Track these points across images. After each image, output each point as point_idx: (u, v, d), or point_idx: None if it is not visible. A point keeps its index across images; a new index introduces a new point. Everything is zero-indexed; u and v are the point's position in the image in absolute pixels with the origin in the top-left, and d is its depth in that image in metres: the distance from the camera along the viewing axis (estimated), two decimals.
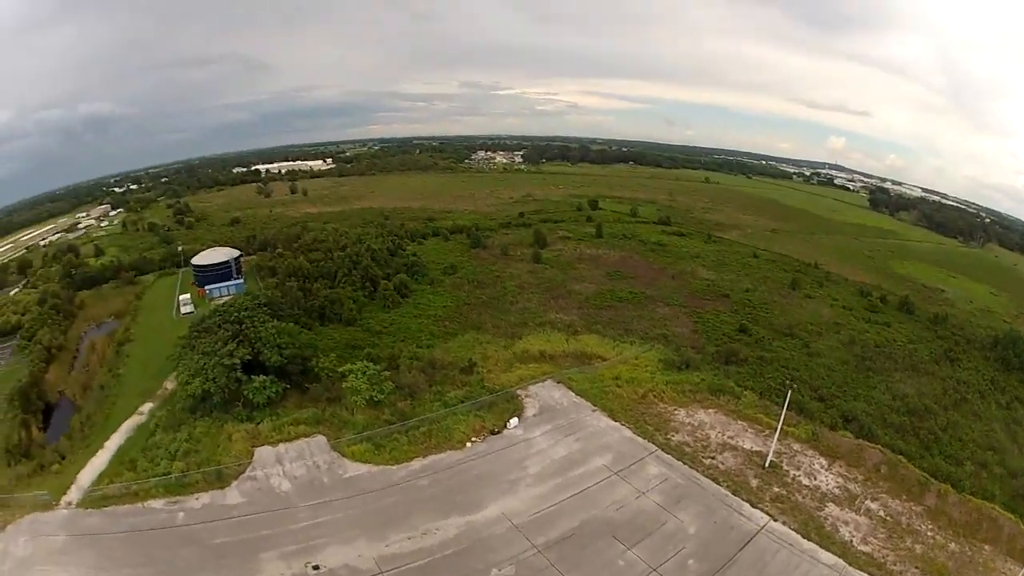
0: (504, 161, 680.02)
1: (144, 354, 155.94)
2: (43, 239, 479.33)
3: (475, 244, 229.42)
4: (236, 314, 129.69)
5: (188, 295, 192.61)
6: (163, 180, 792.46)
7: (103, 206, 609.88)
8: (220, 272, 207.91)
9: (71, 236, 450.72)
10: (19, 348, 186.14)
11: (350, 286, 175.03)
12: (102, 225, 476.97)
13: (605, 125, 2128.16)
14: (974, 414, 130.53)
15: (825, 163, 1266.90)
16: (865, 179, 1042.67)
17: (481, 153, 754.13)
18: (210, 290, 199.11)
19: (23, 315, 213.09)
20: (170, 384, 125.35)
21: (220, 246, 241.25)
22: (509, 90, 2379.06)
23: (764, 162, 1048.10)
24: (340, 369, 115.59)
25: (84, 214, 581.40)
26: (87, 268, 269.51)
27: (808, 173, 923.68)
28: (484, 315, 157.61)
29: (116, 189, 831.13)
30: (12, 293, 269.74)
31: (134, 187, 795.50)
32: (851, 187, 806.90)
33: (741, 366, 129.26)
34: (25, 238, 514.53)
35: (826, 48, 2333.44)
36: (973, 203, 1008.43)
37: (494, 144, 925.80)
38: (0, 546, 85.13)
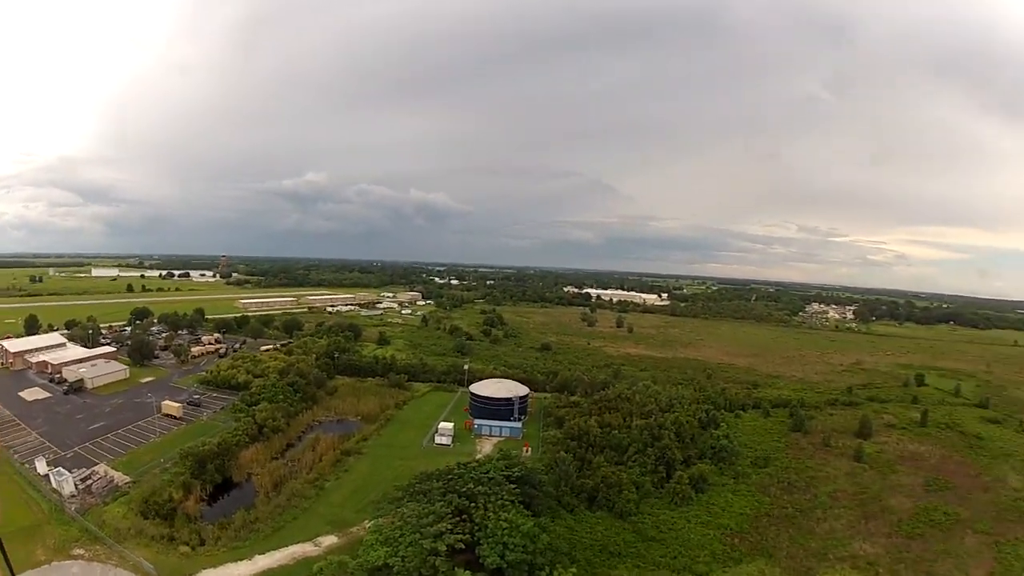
0: (836, 317, 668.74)
1: (365, 476, 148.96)
2: (332, 305, 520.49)
3: (796, 426, 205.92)
4: (471, 485, 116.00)
5: (451, 424, 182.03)
6: (489, 282, 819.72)
7: (415, 292, 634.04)
8: (499, 408, 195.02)
9: (364, 313, 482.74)
10: (233, 409, 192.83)
11: (639, 467, 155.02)
12: (403, 312, 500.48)
13: (929, 278, 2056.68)
14: None
15: None
16: None
17: (815, 306, 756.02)
18: (479, 425, 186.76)
19: (257, 377, 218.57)
20: (369, 526, 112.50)
21: (513, 376, 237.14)
22: (844, 237, 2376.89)
23: None
24: None
25: (391, 295, 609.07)
26: (355, 356, 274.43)
27: None
28: (783, 534, 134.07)
29: (437, 279, 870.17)
30: (263, 349, 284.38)
31: (455, 282, 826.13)
32: None
33: None
34: (312, 298, 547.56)
35: None
36: None
37: (827, 296, 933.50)
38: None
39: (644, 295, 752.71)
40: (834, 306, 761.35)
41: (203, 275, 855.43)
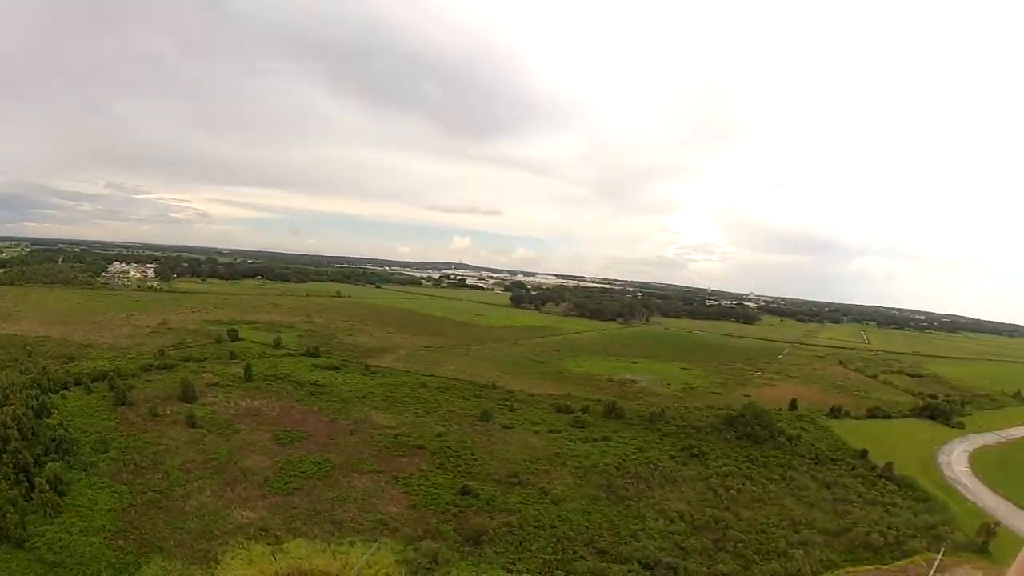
0: (138, 276, 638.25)
1: None
2: None
3: (120, 399, 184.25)
4: None
5: None
6: None
7: None
8: None
9: None
10: None
11: (4, 480, 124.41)
12: None
13: (233, 235, 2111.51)
14: (755, 501, 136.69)
15: (450, 263, 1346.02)
16: (494, 274, 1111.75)
17: (117, 265, 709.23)
18: None
19: None
20: None
21: None
22: (148, 195, 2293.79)
23: (388, 268, 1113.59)
24: None
25: None
26: None
27: (437, 276, 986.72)
28: (158, 522, 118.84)
29: None
30: None
31: None
32: (483, 285, 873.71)
33: (496, 544, 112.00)
34: None
35: (464, 154, 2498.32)
36: (616, 280, 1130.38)
37: (129, 254, 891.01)
38: None
39: None
40: (135, 264, 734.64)
41: None
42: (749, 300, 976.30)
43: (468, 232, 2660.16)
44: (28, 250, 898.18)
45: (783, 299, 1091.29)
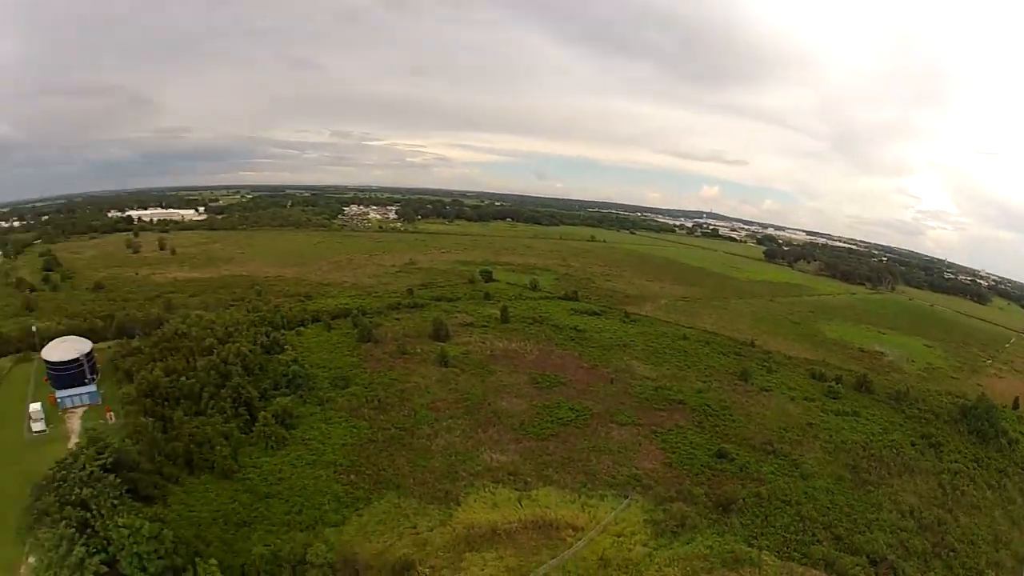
0: (378, 217, 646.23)
1: (3, 495, 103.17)
2: None
3: (364, 337, 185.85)
4: (78, 490, 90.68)
5: (39, 405, 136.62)
6: (43, 218, 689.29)
7: None
8: (71, 373, 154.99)
9: None
10: None
11: (220, 414, 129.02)
12: None
13: (474, 177, 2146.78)
14: (974, 507, 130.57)
15: (701, 211, 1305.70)
16: (745, 226, 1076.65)
17: (354, 208, 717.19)
18: (61, 399, 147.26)
19: None
20: (34, 560, 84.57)
21: (74, 331, 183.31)
22: (379, 141, 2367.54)
23: (640, 214, 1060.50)
24: None
25: None
26: None
27: (690, 224, 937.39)
28: (398, 459, 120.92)
29: (2, 223, 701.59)
30: None
31: (18, 223, 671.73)
32: (736, 237, 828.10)
33: (743, 514, 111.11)
34: None
35: (700, 101, 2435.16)
36: (861, 241, 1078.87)
37: (366, 197, 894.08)
38: None
39: (182, 211, 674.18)
40: (374, 207, 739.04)
41: None
42: (982, 278, 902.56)
43: (715, 181, 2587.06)
44: (250, 196, 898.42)
45: (1009, 280, 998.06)
